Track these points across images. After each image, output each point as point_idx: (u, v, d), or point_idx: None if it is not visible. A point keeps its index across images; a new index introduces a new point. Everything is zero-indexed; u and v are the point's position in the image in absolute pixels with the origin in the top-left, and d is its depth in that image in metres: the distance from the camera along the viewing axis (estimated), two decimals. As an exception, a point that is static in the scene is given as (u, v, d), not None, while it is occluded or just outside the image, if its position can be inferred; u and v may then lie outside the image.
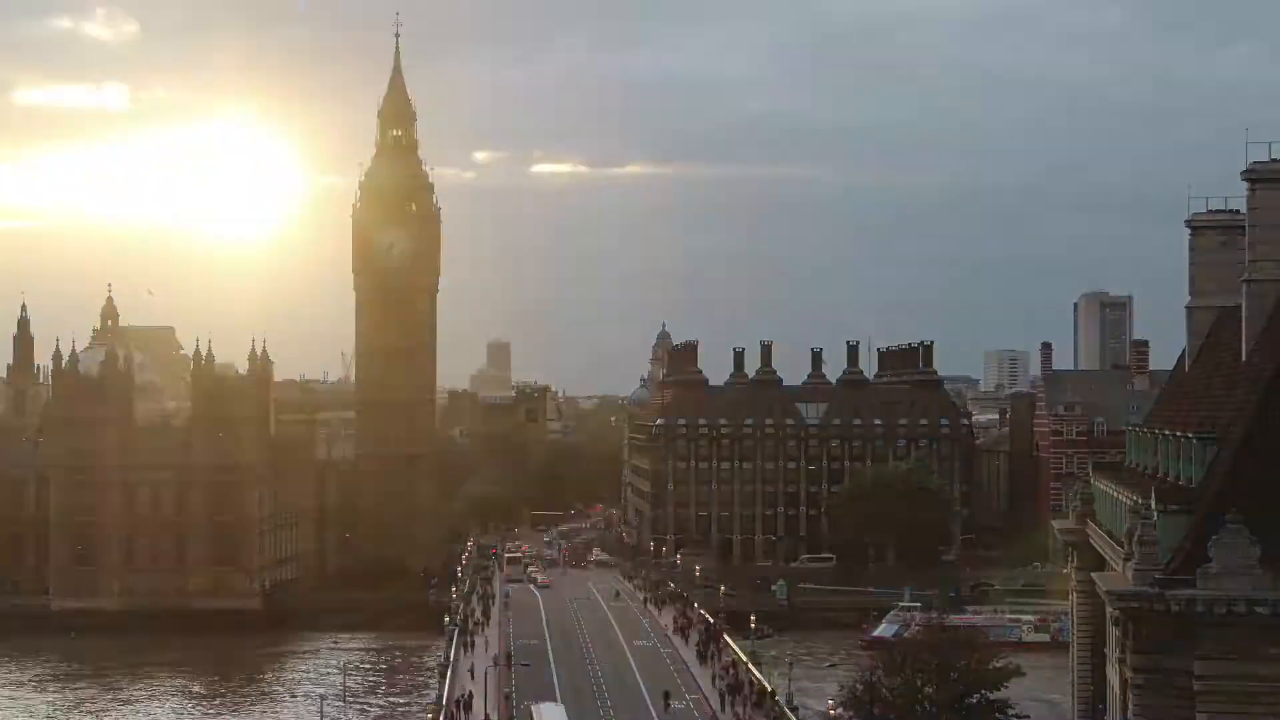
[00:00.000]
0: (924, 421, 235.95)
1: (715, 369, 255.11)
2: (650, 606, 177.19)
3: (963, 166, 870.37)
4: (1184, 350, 60.31)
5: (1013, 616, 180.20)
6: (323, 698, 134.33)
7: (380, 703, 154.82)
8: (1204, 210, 56.48)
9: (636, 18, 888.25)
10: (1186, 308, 58.41)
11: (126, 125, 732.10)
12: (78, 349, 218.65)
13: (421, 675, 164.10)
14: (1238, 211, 54.05)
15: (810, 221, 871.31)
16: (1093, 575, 55.15)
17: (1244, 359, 50.06)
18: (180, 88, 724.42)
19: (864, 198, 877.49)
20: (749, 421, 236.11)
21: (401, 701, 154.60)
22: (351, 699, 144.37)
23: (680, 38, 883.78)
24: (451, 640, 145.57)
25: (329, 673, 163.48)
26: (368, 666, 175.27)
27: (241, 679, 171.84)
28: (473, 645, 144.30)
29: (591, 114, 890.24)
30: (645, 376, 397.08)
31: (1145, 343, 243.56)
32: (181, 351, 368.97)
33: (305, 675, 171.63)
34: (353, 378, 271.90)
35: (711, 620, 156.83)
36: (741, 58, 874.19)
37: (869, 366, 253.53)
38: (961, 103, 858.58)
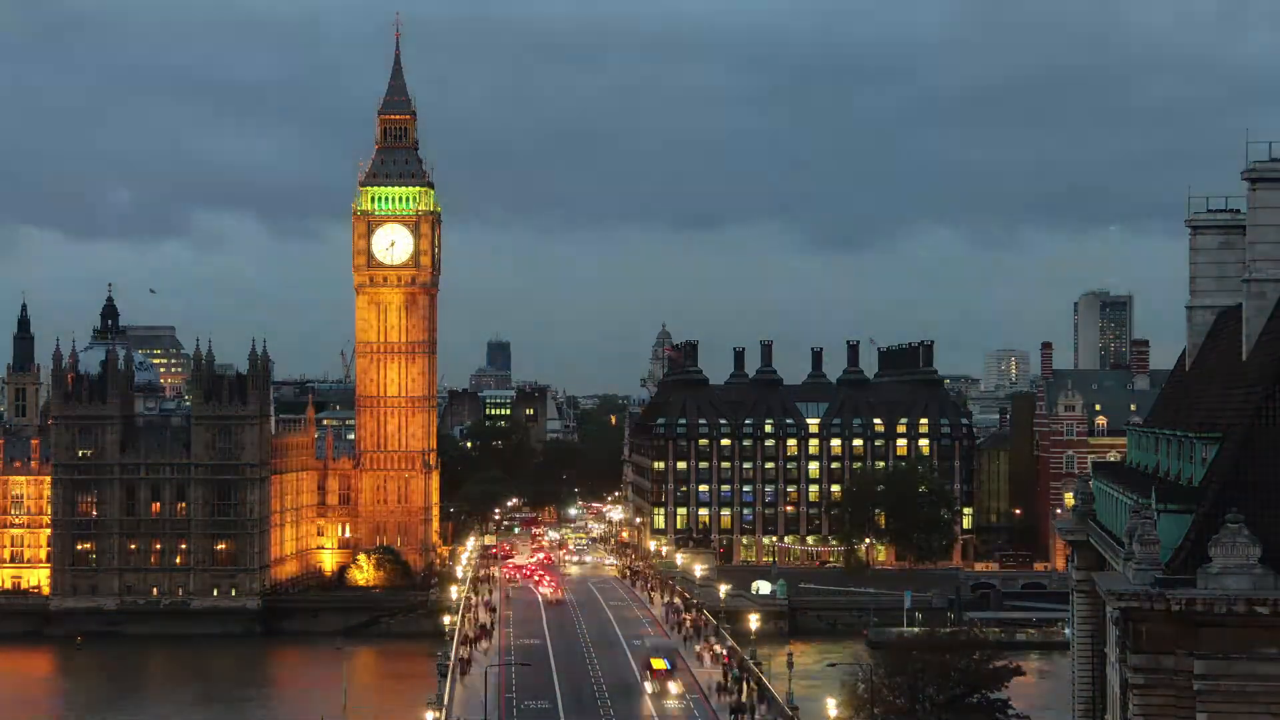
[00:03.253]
0: (924, 421, 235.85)
1: (715, 369, 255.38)
2: (649, 606, 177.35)
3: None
4: (1184, 350, 60.26)
5: None
6: (323, 699, 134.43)
7: (380, 703, 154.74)
8: (1204, 210, 56.41)
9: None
10: (1186, 308, 58.33)
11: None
12: (78, 349, 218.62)
13: (421, 675, 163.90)
14: (1238, 211, 54.01)
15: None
16: (1093, 575, 55.10)
17: (1244, 359, 50.01)
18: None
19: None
20: (749, 421, 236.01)
21: (402, 702, 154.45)
22: (353, 704, 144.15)
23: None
24: (452, 640, 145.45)
25: (329, 673, 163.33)
26: (368, 667, 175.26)
27: (243, 681, 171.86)
28: (473, 645, 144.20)
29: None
30: (645, 376, 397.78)
31: (1145, 343, 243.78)
32: (181, 351, 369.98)
33: (305, 677, 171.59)
34: (353, 378, 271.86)
35: (711, 619, 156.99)
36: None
37: (869, 366, 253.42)
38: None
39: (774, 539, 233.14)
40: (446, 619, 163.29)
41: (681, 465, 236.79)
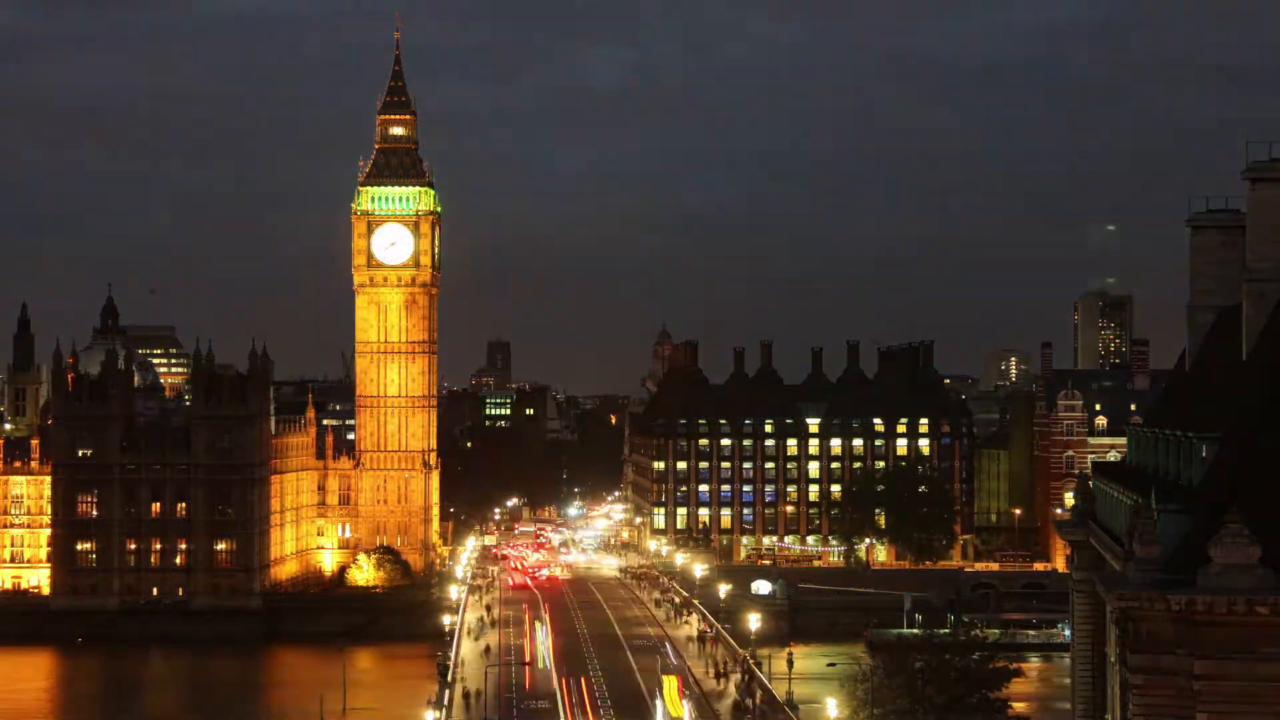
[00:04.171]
0: (924, 421, 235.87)
1: (715, 369, 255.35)
2: (649, 605, 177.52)
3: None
4: (1184, 350, 60.30)
5: None
6: (322, 699, 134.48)
7: (380, 704, 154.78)
8: (1204, 210, 56.42)
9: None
10: (1187, 307, 58.36)
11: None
12: (78, 349, 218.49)
13: (421, 675, 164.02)
14: (1238, 211, 54.05)
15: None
16: (1093, 575, 55.13)
17: (1244, 359, 50.03)
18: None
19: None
20: (749, 421, 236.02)
21: (402, 702, 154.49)
22: (353, 704, 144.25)
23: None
24: (452, 640, 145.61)
25: (329, 673, 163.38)
26: (368, 667, 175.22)
27: (243, 682, 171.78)
28: (473, 643, 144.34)
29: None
30: (645, 376, 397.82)
31: (1145, 342, 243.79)
32: (181, 351, 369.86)
33: (305, 677, 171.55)
34: (353, 378, 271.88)
35: (711, 620, 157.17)
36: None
37: (869, 366, 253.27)
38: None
39: (774, 539, 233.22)
40: (447, 619, 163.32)
41: (681, 465, 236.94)
